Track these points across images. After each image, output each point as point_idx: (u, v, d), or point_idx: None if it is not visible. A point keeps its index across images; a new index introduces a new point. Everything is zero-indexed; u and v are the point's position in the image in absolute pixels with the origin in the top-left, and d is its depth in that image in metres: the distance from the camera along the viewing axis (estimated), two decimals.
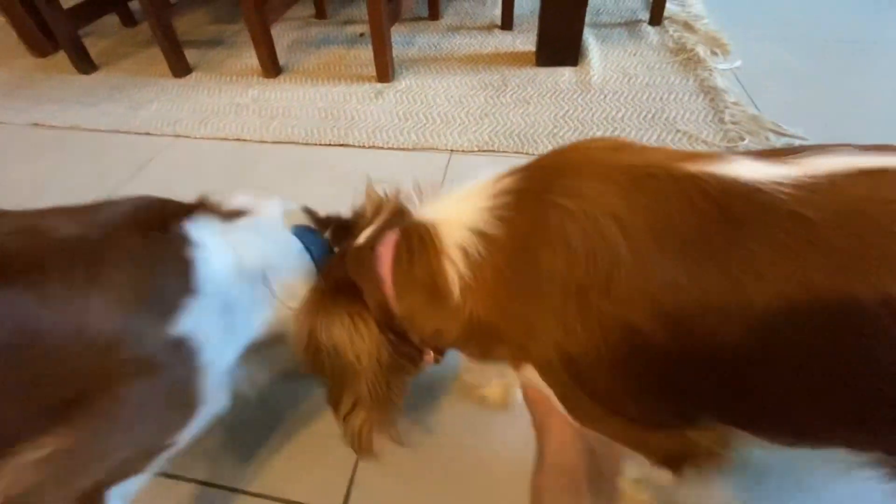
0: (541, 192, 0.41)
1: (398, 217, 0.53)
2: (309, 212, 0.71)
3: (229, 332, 0.53)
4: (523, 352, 0.43)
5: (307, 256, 0.63)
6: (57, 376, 0.42)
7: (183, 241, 0.51)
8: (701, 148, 1.23)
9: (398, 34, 1.92)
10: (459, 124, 1.40)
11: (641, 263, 0.35)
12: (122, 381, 0.44)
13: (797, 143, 1.21)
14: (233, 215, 0.59)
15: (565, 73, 1.59)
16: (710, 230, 0.34)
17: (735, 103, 1.36)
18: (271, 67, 1.67)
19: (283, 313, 0.58)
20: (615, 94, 1.47)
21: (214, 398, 0.53)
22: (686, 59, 1.60)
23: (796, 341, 0.32)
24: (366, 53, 1.65)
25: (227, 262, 0.53)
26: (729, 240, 0.33)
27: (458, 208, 0.46)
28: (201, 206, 0.57)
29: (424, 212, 0.50)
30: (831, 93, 1.40)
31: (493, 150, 1.30)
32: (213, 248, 0.53)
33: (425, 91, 1.56)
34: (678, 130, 1.29)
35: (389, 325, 0.49)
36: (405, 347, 0.50)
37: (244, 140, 1.41)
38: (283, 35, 1.95)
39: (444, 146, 1.33)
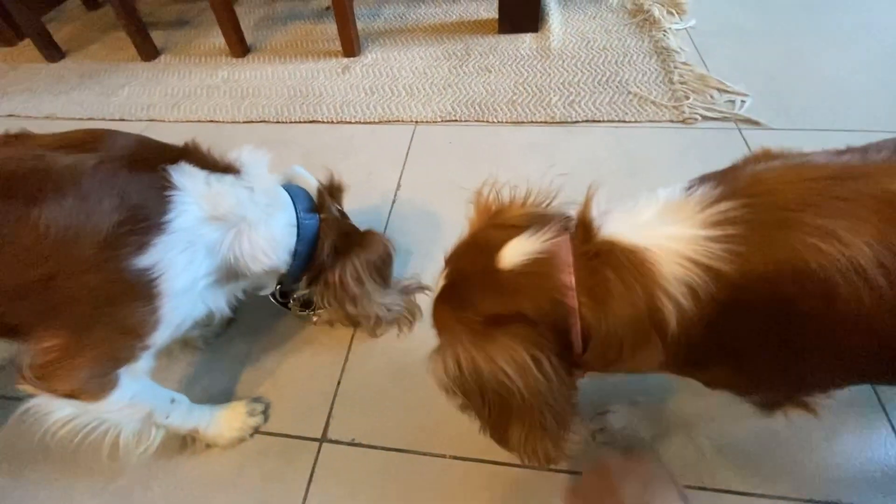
0: (780, 226, 0.40)
1: (561, 229, 0.49)
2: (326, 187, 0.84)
3: (192, 264, 0.63)
4: (728, 368, 0.46)
5: (291, 212, 0.76)
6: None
7: (163, 183, 0.60)
8: (650, 108, 1.30)
9: (364, 6, 1.93)
10: (423, 96, 1.46)
11: None
12: (98, 294, 0.55)
13: (739, 100, 1.29)
14: (220, 167, 0.68)
15: (526, 40, 1.63)
16: None
17: (684, 63, 1.42)
18: (239, 47, 1.69)
19: (247, 257, 0.69)
20: (573, 59, 1.52)
21: (179, 312, 0.64)
22: (643, 20, 1.64)
23: None
24: (332, 28, 1.67)
25: (199, 206, 0.63)
26: None
27: (668, 233, 0.43)
28: (190, 154, 0.66)
29: (617, 229, 0.45)
30: (776, 51, 1.47)
31: (456, 120, 1.37)
32: (190, 192, 0.62)
33: (391, 64, 1.60)
34: (629, 92, 1.36)
35: (566, 353, 0.46)
36: (570, 370, 0.48)
37: (217, 122, 1.46)
38: (248, 13, 1.95)
39: (409, 118, 1.39)
